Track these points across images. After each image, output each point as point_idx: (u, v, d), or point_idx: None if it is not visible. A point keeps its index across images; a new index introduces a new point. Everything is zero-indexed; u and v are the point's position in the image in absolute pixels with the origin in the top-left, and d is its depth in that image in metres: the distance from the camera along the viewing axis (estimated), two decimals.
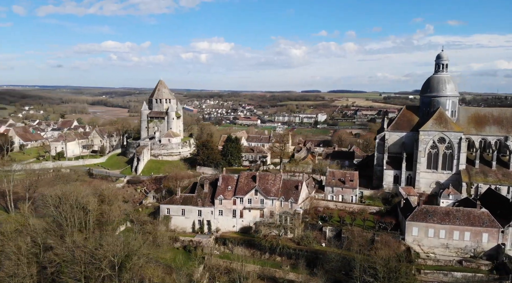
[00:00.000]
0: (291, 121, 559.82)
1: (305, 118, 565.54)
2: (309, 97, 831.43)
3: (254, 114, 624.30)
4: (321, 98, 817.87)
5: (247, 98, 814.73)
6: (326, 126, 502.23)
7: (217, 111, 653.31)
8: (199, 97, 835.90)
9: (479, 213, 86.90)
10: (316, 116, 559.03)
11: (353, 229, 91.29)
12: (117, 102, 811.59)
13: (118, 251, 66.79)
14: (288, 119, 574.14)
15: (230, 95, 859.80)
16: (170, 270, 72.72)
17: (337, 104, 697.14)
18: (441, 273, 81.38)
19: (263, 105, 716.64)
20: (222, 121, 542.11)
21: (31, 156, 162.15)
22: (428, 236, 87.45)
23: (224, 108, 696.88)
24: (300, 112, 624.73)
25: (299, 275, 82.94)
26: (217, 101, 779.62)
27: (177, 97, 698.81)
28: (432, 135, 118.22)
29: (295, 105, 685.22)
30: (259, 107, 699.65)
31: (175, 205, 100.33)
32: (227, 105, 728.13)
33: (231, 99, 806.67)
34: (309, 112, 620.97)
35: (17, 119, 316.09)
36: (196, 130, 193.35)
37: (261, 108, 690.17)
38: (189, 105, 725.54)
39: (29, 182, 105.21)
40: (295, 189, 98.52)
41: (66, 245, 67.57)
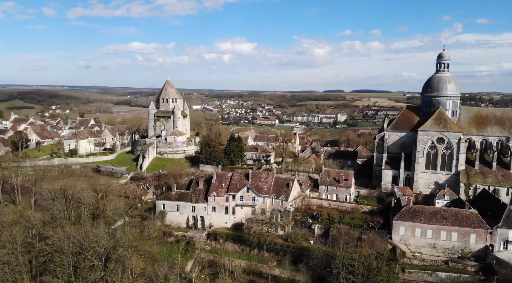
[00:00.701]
0: (309, 121, 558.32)
1: (324, 118, 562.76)
2: (330, 97, 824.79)
3: (273, 114, 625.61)
4: (342, 98, 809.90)
5: (266, 98, 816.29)
6: (346, 126, 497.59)
7: (236, 111, 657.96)
8: (219, 97, 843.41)
9: (468, 213, 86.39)
10: (336, 116, 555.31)
11: (341, 227, 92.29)
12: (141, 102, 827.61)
13: (104, 242, 70.31)
14: (306, 119, 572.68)
15: (250, 95, 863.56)
16: (155, 262, 75.80)
17: (358, 104, 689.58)
18: (425, 272, 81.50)
19: (283, 105, 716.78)
20: (241, 121, 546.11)
21: (45, 153, 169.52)
22: (415, 235, 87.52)
23: (244, 108, 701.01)
24: (319, 112, 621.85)
25: (284, 271, 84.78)
26: (237, 101, 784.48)
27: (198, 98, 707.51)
28: (431, 135, 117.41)
29: (314, 105, 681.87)
30: (278, 107, 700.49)
31: (170, 201, 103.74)
32: (246, 105, 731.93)
33: (251, 99, 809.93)
34: (328, 112, 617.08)
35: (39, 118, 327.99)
36: (205, 129, 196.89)
37: (280, 108, 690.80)
38: (210, 105, 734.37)
39: (35, 177, 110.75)
40: (286, 187, 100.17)
41: (57, 236, 71.59)
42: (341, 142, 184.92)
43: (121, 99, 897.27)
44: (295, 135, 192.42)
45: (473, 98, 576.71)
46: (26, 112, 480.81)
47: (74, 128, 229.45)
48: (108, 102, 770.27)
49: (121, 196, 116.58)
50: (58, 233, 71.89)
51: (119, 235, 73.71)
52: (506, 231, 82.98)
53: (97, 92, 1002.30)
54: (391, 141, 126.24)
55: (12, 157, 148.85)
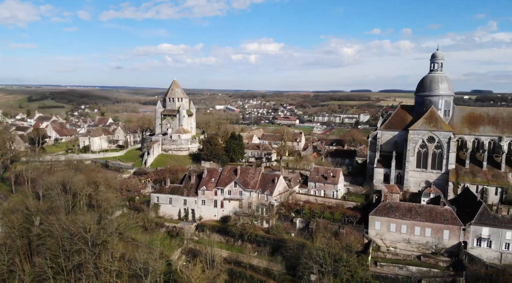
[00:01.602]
0: (330, 121, 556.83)
1: (346, 118, 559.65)
2: (355, 97, 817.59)
3: (294, 114, 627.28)
4: (367, 98, 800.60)
5: (289, 98, 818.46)
6: (368, 126, 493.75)
7: (257, 111, 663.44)
8: (243, 97, 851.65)
9: (442, 210, 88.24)
10: (359, 116, 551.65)
11: (321, 221, 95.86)
12: None
13: (92, 228, 77.09)
14: (328, 119, 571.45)
15: (273, 95, 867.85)
16: (138, 248, 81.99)
17: (383, 104, 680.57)
18: (396, 266, 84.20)
19: (305, 105, 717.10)
20: (261, 121, 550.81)
21: (61, 149, 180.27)
22: (390, 230, 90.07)
23: (266, 108, 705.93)
24: (342, 112, 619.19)
25: (262, 260, 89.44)
26: (260, 101, 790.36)
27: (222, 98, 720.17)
28: (422, 134, 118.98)
29: (337, 105, 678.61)
30: (300, 107, 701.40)
31: (164, 194, 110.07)
32: (268, 105, 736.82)
33: (274, 99, 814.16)
34: (351, 112, 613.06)
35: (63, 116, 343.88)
36: (213, 128, 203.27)
37: (302, 108, 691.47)
38: (233, 105, 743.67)
39: (43, 170, 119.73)
40: (272, 182, 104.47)
41: (49, 222, 78.98)
42: (346, 141, 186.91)
43: (149, 99, 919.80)
44: (300, 134, 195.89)
45: (505, 98, 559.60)
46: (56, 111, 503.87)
47: (92, 126, 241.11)
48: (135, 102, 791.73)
49: (123, 190, 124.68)
50: (50, 219, 79.10)
51: (104, 223, 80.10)
52: (479, 228, 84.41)
53: (126, 93, 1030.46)
54: (384, 140, 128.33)
55: (29, 152, 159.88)
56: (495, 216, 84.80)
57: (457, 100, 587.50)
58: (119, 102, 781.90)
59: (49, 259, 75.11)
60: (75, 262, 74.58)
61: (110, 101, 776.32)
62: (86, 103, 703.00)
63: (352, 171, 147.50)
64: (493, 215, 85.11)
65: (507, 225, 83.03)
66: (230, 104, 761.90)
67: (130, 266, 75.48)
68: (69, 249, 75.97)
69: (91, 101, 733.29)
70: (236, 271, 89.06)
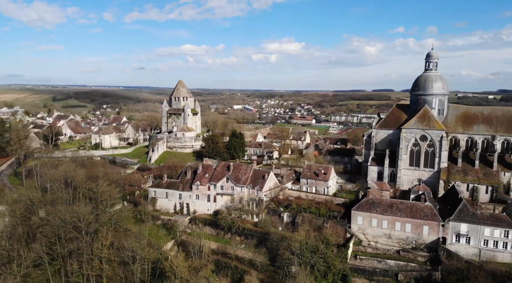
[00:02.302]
0: (348, 121, 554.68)
1: (364, 118, 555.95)
2: (374, 97, 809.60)
3: (311, 114, 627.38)
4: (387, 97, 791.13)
5: (307, 98, 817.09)
6: None
7: (275, 111, 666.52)
8: (261, 97, 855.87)
9: (422, 206, 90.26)
10: (379, 115, 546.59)
11: (307, 215, 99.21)
12: None
13: (83, 217, 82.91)
14: (345, 119, 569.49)
15: (291, 95, 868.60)
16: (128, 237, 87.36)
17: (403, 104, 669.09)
18: (375, 260, 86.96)
19: (323, 105, 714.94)
20: (277, 120, 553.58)
21: (74, 146, 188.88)
22: (372, 225, 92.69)
23: (283, 107, 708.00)
24: (360, 111, 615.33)
25: (247, 252, 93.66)
26: (277, 101, 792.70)
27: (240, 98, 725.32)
28: (414, 133, 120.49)
29: (356, 105, 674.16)
30: (318, 107, 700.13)
31: (161, 189, 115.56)
32: (286, 104, 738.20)
33: (292, 98, 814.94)
34: (370, 112, 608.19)
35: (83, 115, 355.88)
36: (221, 127, 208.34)
37: (320, 107, 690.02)
38: (251, 104, 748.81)
39: (50, 165, 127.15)
40: (262, 178, 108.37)
41: (47, 211, 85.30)
42: (349, 140, 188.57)
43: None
44: (305, 133, 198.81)
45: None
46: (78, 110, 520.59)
47: (107, 124, 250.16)
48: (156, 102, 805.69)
49: (126, 184, 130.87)
50: (48, 209, 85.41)
51: (97, 213, 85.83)
52: (458, 224, 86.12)
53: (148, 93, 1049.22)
54: (379, 139, 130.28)
55: (43, 148, 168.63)
56: (474, 213, 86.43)
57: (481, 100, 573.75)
58: (140, 102, 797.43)
59: (45, 246, 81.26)
60: (69, 249, 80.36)
61: (132, 101, 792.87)
62: (108, 103, 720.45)
63: (350, 169, 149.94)
64: (472, 212, 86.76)
65: (485, 222, 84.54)
66: (248, 103, 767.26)
67: (119, 254, 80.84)
68: (64, 237, 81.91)
69: (113, 101, 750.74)
70: (222, 262, 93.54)
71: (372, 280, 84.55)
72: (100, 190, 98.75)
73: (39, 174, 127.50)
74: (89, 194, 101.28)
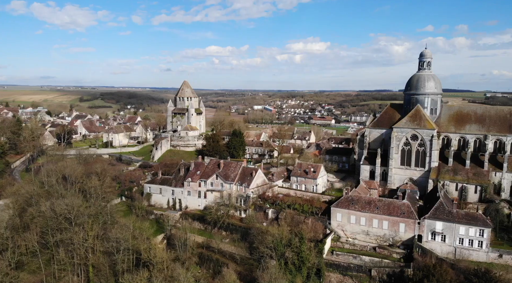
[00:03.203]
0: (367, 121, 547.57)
1: None
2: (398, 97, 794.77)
3: (331, 114, 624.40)
4: None
5: (329, 98, 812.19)
6: None
7: (294, 111, 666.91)
8: (282, 98, 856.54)
9: (400, 204, 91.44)
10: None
11: (287, 212, 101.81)
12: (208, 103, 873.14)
13: (72, 209, 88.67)
14: (365, 119, 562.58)
15: (312, 95, 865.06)
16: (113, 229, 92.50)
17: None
18: (351, 255, 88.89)
19: (344, 105, 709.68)
20: (296, 121, 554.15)
21: (86, 144, 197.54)
22: (351, 222, 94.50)
23: (303, 107, 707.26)
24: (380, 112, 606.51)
25: (229, 246, 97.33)
26: (298, 101, 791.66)
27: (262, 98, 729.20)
28: (405, 132, 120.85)
29: (378, 105, 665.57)
30: (339, 107, 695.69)
31: (155, 185, 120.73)
32: (306, 104, 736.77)
33: (313, 98, 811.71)
34: None
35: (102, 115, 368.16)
36: (227, 126, 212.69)
37: (341, 107, 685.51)
38: (271, 105, 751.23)
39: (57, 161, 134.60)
40: (250, 176, 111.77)
41: (40, 203, 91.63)
42: (353, 140, 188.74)
43: None
44: (309, 133, 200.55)
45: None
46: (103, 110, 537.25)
47: (122, 123, 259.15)
48: None
49: (126, 180, 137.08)
50: (41, 201, 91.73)
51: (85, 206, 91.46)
52: (433, 222, 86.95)
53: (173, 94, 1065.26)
54: (372, 138, 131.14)
55: (56, 146, 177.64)
56: (450, 211, 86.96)
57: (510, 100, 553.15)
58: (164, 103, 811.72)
59: (37, 235, 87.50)
60: (56, 238, 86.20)
61: (156, 102, 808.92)
62: (133, 103, 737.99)
63: (348, 168, 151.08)
64: (448, 210, 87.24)
65: (460, 221, 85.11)
66: (269, 104, 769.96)
67: (104, 244, 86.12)
68: (54, 227, 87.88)
69: (137, 102, 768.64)
70: (206, 254, 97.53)
71: (346, 275, 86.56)
72: (92, 184, 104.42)
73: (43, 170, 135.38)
74: (84, 188, 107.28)
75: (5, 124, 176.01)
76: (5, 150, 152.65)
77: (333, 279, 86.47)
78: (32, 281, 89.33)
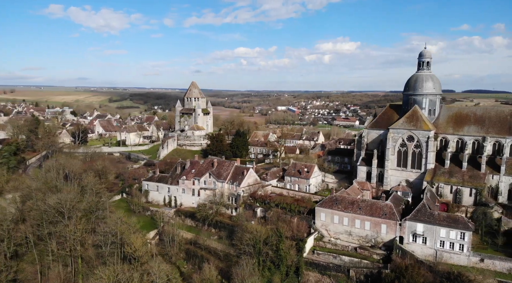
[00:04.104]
0: None
1: None
2: None
3: (356, 115, 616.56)
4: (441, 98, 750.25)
5: (355, 98, 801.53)
6: None
7: (318, 112, 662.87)
8: (307, 98, 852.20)
9: (382, 205, 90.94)
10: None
11: (277, 211, 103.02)
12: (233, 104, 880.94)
13: (65, 203, 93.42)
14: None
15: (338, 96, 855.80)
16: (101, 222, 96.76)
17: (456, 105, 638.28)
18: (331, 255, 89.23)
19: (371, 106, 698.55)
20: (319, 122, 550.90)
21: (101, 142, 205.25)
22: (334, 222, 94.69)
23: (328, 108, 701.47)
24: None
25: (215, 242, 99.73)
26: (324, 102, 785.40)
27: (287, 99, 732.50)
28: (401, 133, 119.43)
29: None
30: (365, 108, 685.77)
31: (152, 182, 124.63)
32: (332, 105, 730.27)
33: (339, 99, 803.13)
34: None
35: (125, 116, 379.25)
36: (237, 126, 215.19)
37: (367, 108, 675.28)
38: (296, 106, 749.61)
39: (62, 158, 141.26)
40: (242, 175, 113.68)
41: (37, 197, 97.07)
42: None
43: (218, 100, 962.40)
44: (318, 134, 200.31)
45: None
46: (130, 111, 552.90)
47: (140, 123, 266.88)
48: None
49: (130, 177, 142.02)
50: (38, 195, 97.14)
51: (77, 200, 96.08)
52: (414, 224, 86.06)
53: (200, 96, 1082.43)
54: (370, 139, 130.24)
55: (71, 145, 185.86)
56: (431, 213, 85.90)
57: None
58: None
59: (32, 227, 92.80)
60: (49, 230, 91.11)
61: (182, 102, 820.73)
62: (160, 104, 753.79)
63: (350, 169, 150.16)
64: (430, 212, 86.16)
65: (441, 223, 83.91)
66: (293, 104, 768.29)
67: (92, 237, 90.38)
68: (47, 220, 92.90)
69: (165, 102, 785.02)
70: (192, 250, 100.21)
71: (325, 274, 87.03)
72: (87, 181, 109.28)
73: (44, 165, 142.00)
74: (81, 184, 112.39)
75: (24, 123, 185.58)
76: (21, 147, 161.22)
77: (312, 278, 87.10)
78: (29, 271, 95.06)
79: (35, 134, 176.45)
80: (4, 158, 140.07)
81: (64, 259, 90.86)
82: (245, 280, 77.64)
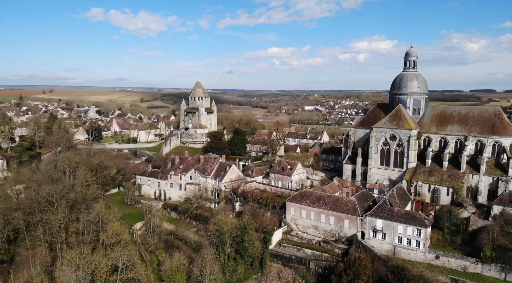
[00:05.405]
0: None
1: None
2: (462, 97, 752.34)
3: None
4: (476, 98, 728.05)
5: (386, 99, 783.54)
6: None
7: (346, 111, 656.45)
8: (336, 98, 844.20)
9: (347, 201, 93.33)
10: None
11: (252, 205, 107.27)
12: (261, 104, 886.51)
13: (54, 194, 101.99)
14: None
15: (369, 95, 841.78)
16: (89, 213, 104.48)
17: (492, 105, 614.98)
18: (295, 248, 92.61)
19: None
20: (344, 121, 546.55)
21: (114, 140, 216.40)
22: (302, 216, 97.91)
23: (357, 108, 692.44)
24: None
25: (193, 234, 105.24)
26: (353, 101, 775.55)
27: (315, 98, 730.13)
28: (384, 132, 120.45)
29: None
30: None
31: (144, 177, 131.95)
32: (361, 105, 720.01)
33: (369, 98, 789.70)
34: None
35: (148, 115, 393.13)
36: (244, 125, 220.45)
37: None
38: (324, 105, 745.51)
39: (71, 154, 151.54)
40: (224, 170, 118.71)
41: (32, 189, 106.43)
42: None
43: (247, 100, 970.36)
44: (322, 133, 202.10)
45: None
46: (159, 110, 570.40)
47: (156, 122, 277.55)
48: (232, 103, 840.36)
49: (130, 172, 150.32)
50: (32, 185, 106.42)
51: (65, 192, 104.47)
52: (374, 220, 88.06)
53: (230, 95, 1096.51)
54: (357, 138, 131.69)
55: (86, 142, 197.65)
56: (390, 209, 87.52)
57: None
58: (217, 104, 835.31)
59: (24, 215, 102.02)
60: (39, 218, 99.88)
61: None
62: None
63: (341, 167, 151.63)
64: (390, 208, 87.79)
65: (399, 219, 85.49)
66: (321, 104, 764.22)
67: (74, 225, 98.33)
68: (39, 208, 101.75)
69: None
70: (171, 240, 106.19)
71: (287, 266, 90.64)
72: (78, 174, 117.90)
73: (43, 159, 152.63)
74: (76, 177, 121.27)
75: (43, 121, 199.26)
76: (38, 144, 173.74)
77: (274, 269, 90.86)
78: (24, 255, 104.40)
79: (51, 131, 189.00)
80: (16, 153, 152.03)
81: (51, 245, 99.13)
82: (204, 268, 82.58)
